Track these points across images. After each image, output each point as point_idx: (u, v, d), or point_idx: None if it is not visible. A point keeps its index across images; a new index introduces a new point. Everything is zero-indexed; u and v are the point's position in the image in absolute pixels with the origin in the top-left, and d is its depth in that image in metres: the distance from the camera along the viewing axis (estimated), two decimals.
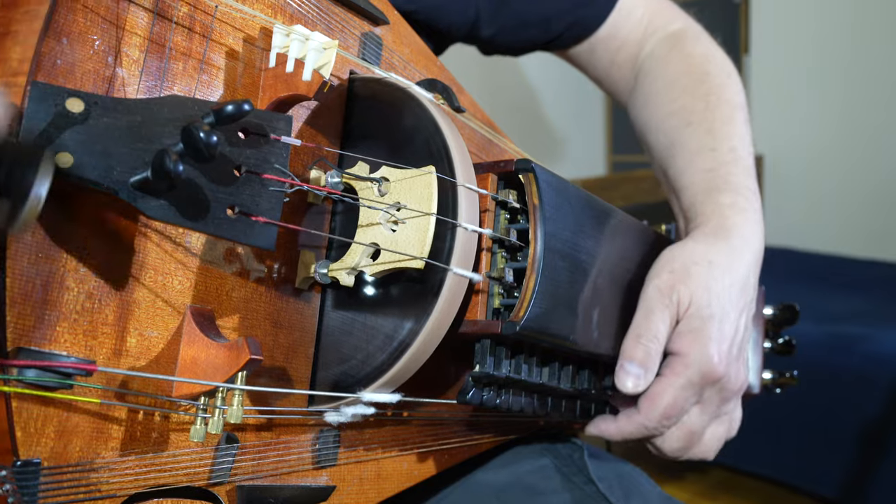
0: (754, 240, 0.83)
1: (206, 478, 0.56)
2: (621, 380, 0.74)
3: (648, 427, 0.77)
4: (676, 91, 0.96)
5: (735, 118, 0.92)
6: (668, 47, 1.01)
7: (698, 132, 0.91)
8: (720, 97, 0.93)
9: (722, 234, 0.81)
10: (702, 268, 0.77)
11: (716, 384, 0.78)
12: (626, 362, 0.74)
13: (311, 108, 0.64)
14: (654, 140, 0.98)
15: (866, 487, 2.09)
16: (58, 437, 0.48)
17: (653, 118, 0.98)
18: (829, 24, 3.32)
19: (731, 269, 0.79)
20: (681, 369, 0.75)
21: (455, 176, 0.60)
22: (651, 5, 1.05)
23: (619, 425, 0.79)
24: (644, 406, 0.76)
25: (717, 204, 0.85)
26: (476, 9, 0.94)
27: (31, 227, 0.46)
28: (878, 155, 3.20)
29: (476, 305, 0.64)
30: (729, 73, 0.98)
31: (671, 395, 0.75)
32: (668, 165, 0.94)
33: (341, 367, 0.62)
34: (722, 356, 0.76)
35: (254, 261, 0.59)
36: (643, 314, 0.76)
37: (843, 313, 2.49)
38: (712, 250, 0.79)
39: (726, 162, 0.88)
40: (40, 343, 0.47)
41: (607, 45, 1.04)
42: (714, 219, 0.83)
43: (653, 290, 0.77)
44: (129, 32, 0.51)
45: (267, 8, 0.60)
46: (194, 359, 0.53)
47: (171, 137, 0.47)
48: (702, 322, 0.76)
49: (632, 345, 0.75)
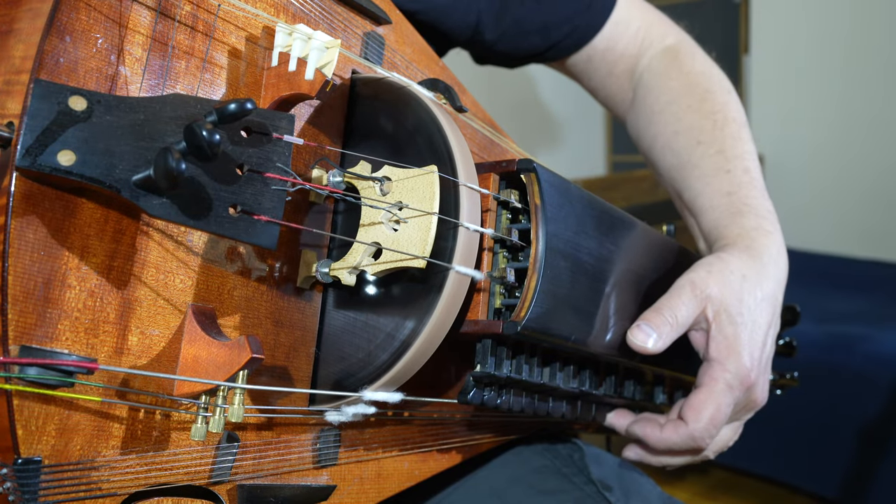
0: (781, 260, 0.86)
1: (207, 477, 0.56)
2: (632, 333, 0.75)
3: (696, 437, 0.78)
4: (681, 109, 0.97)
5: (742, 137, 0.95)
6: (667, 62, 1.02)
7: (709, 152, 0.93)
8: (726, 116, 0.95)
9: (753, 253, 0.84)
10: (736, 277, 0.80)
11: (748, 392, 0.79)
12: (642, 322, 0.75)
13: (314, 107, 0.64)
14: (661, 157, 1.00)
15: (866, 487, 2.09)
16: (59, 435, 0.48)
17: (659, 136, 0.99)
18: (828, 24, 3.32)
19: (762, 285, 0.81)
20: (719, 374, 0.77)
21: (457, 175, 0.60)
22: (646, 18, 1.06)
23: (666, 435, 0.80)
24: (690, 416, 0.77)
25: (742, 227, 0.87)
26: (478, 13, 0.95)
27: None
28: (877, 155, 3.20)
29: (477, 305, 0.64)
30: (728, 89, 1.00)
31: (715, 401, 0.77)
32: (683, 187, 0.96)
33: (342, 366, 0.62)
34: (754, 363, 0.78)
35: (255, 259, 0.59)
36: (669, 294, 0.78)
37: (843, 313, 2.49)
38: (745, 266, 0.81)
39: (744, 184, 0.90)
40: (42, 341, 0.47)
41: (604, 57, 1.05)
42: (742, 241, 0.86)
43: (687, 280, 0.78)
44: (131, 31, 0.51)
45: (269, 7, 0.60)
46: (196, 357, 0.53)
47: (174, 136, 0.47)
48: (735, 329, 0.78)
49: (651, 312, 0.76)
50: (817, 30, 3.36)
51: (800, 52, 3.41)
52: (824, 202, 3.35)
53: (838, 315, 2.45)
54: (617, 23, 1.03)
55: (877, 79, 3.20)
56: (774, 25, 3.48)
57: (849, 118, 3.28)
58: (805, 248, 3.17)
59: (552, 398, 0.75)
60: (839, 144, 3.31)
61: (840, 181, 3.31)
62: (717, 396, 0.77)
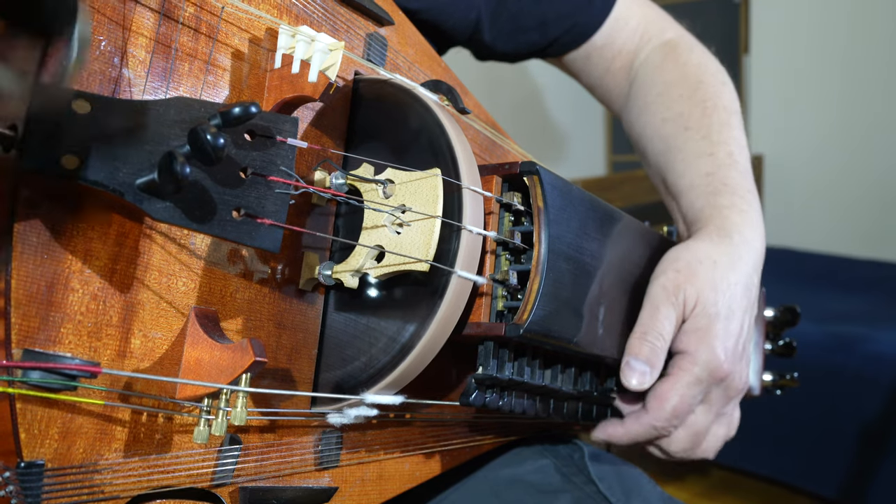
0: (756, 240, 0.84)
1: (209, 479, 0.56)
2: (626, 376, 0.74)
3: (657, 426, 0.77)
4: (672, 98, 0.97)
5: (731, 123, 0.93)
6: (663, 56, 1.02)
7: (695, 137, 0.92)
8: (716, 104, 0.94)
9: (724, 234, 0.82)
10: (706, 266, 0.78)
11: (721, 383, 0.78)
12: (631, 359, 0.74)
13: (316, 109, 0.64)
14: (651, 146, 0.99)
15: (866, 487, 2.09)
16: (61, 438, 0.48)
17: (649, 125, 0.98)
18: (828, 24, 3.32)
19: (735, 268, 0.80)
20: (688, 366, 0.76)
21: (460, 178, 0.59)
22: (646, 15, 1.06)
23: (627, 427, 0.79)
24: (652, 405, 0.77)
25: (716, 206, 0.85)
26: (478, 11, 0.94)
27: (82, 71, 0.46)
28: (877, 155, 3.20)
29: (480, 307, 0.64)
30: (723, 81, 0.99)
31: (679, 392, 0.76)
32: (666, 171, 0.95)
33: (344, 368, 0.62)
34: (728, 354, 0.77)
35: (258, 262, 0.59)
36: (649, 313, 0.76)
37: (843, 313, 2.49)
38: (716, 250, 0.80)
39: (725, 165, 0.89)
40: (45, 345, 0.47)
41: (603, 54, 1.05)
42: (715, 220, 0.84)
43: (658, 288, 0.77)
44: (135, 33, 0.51)
45: (273, 8, 0.60)
46: (198, 360, 0.52)
47: (178, 139, 0.47)
48: (708, 320, 0.77)
49: (637, 342, 0.75)
50: (817, 30, 3.36)
51: (800, 52, 3.41)
52: (824, 202, 3.35)
53: (838, 315, 2.45)
54: (616, 19, 1.03)
55: (877, 79, 3.21)
56: (774, 25, 3.48)
57: (848, 118, 3.28)
58: (805, 248, 3.17)
59: (554, 400, 0.75)
60: (839, 144, 3.31)
61: (840, 181, 3.31)
62: (683, 388, 0.76)
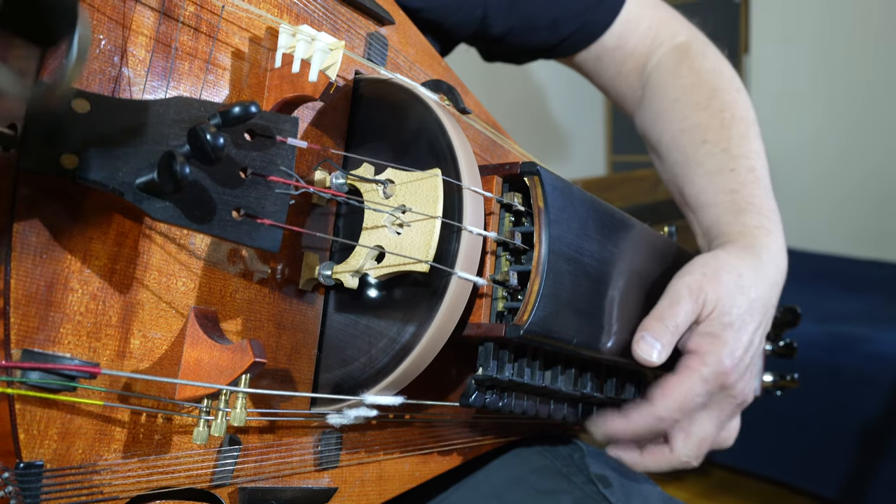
0: (780, 261, 0.85)
1: (209, 480, 0.56)
2: (644, 350, 0.74)
3: (662, 417, 0.77)
4: (688, 107, 0.97)
5: (749, 136, 0.94)
6: (677, 60, 1.01)
7: (714, 151, 0.93)
8: (734, 114, 0.94)
9: (753, 251, 0.83)
10: (732, 277, 0.79)
11: (724, 390, 0.78)
12: (646, 334, 0.75)
13: (316, 108, 0.64)
14: (668, 156, 0.99)
15: (866, 487, 2.09)
16: (61, 439, 0.48)
17: (665, 134, 0.99)
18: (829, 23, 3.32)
19: (757, 286, 0.81)
20: (696, 366, 0.76)
21: (461, 179, 0.59)
22: (657, 16, 1.05)
23: (630, 419, 0.79)
24: (657, 397, 0.77)
25: (743, 225, 0.86)
26: (484, 7, 0.94)
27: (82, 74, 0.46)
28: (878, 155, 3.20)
29: (480, 308, 0.64)
30: (738, 88, 0.99)
31: (686, 387, 0.76)
32: (685, 183, 0.95)
33: (344, 369, 0.62)
34: (734, 362, 0.77)
35: (258, 262, 0.59)
36: (668, 302, 0.77)
37: (843, 313, 2.49)
38: (743, 264, 0.81)
39: (748, 182, 0.90)
40: (44, 345, 0.47)
41: (614, 55, 1.05)
42: (743, 238, 0.85)
43: (682, 285, 0.78)
44: (135, 32, 0.51)
45: (273, 7, 0.60)
46: (198, 361, 0.52)
47: (178, 139, 0.47)
48: (721, 328, 0.78)
49: (653, 322, 0.75)
50: (818, 29, 3.35)
51: (800, 52, 3.41)
52: (824, 202, 3.35)
53: (838, 315, 2.44)
54: (627, 20, 1.03)
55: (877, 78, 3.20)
56: (774, 25, 3.47)
57: (849, 118, 3.28)
58: (805, 248, 3.17)
59: (554, 401, 0.75)
60: (839, 144, 3.31)
61: (840, 181, 3.31)
62: (689, 384, 0.76)
